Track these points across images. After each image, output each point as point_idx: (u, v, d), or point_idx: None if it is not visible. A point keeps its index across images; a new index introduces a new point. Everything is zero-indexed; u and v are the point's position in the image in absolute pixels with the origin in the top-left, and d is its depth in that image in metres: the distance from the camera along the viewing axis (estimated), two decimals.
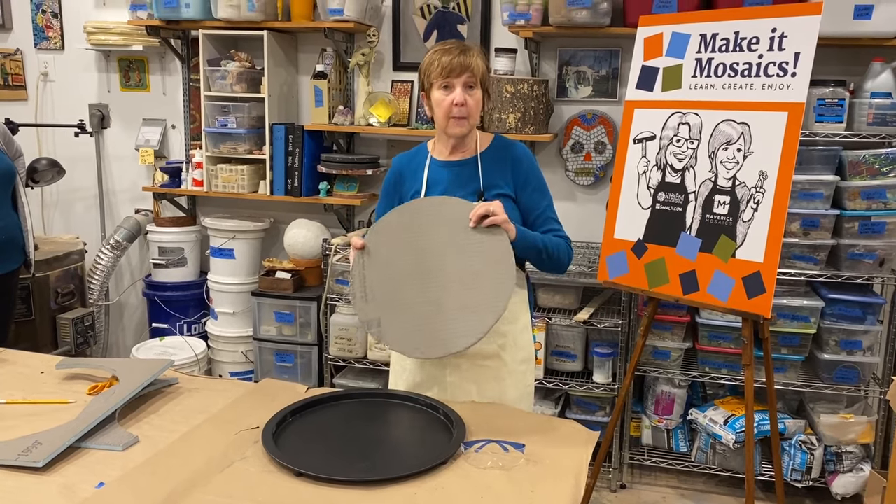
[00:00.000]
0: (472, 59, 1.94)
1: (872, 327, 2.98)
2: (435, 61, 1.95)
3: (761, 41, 2.47)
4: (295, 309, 3.65)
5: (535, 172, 2.08)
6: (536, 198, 2.05)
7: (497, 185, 2.03)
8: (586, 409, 3.39)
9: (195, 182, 3.81)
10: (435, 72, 1.95)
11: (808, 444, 3.07)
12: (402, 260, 1.92)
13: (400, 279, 1.91)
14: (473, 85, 1.96)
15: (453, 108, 1.95)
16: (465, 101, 1.94)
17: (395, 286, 1.91)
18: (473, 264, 1.84)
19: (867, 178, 2.88)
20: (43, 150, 4.26)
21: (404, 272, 1.91)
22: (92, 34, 3.91)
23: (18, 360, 2.28)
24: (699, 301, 2.57)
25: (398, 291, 1.90)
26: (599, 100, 3.50)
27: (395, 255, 1.94)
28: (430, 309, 1.85)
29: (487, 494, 1.53)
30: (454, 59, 1.92)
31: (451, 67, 1.92)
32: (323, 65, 3.62)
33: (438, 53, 1.95)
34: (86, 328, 3.82)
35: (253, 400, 1.98)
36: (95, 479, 1.57)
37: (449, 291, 1.85)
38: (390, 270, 1.93)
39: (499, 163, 2.04)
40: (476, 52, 1.97)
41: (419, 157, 2.12)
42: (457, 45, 1.96)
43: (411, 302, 1.88)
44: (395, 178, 2.14)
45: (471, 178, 2.04)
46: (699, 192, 2.58)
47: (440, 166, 2.07)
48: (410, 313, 1.87)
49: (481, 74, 1.97)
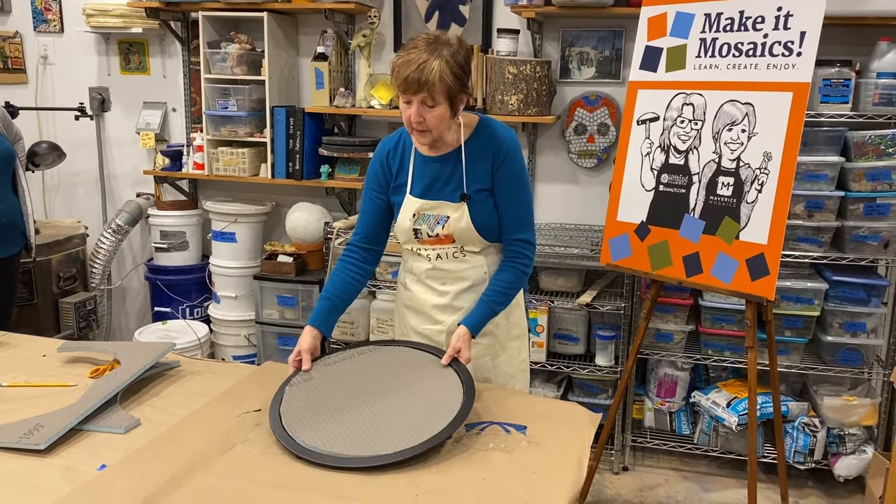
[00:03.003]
0: (430, 75, 1.77)
1: (876, 309, 2.97)
2: (396, 69, 1.82)
3: (766, 20, 2.44)
4: (297, 292, 3.65)
5: (513, 165, 1.97)
6: (510, 195, 1.97)
7: (478, 180, 1.96)
8: (589, 392, 3.39)
9: (196, 165, 3.80)
10: (395, 81, 1.84)
11: (810, 426, 3.07)
12: (345, 383, 1.85)
13: (339, 398, 1.79)
14: (432, 104, 1.82)
15: (411, 123, 1.87)
16: (423, 119, 1.84)
17: (332, 403, 1.77)
18: (422, 399, 1.75)
19: (872, 159, 2.86)
20: (43, 134, 4.24)
21: (345, 392, 1.81)
22: (91, 16, 3.88)
23: (20, 344, 2.29)
24: (702, 283, 2.56)
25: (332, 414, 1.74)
26: (603, 81, 3.47)
27: (342, 378, 1.87)
28: (365, 420, 1.69)
29: (489, 476, 1.53)
30: (411, 74, 1.78)
31: (407, 84, 1.80)
32: (324, 46, 3.59)
33: (401, 61, 1.81)
34: (88, 312, 3.83)
35: (254, 383, 1.98)
36: (97, 462, 1.57)
37: (388, 411, 1.72)
38: (327, 398, 1.80)
39: (482, 151, 1.96)
40: (442, 61, 1.79)
41: (403, 146, 2.05)
42: (417, 56, 1.79)
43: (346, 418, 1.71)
44: (380, 166, 2.07)
45: (453, 175, 1.97)
46: (703, 173, 2.56)
47: (425, 161, 2.01)
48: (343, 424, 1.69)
49: (445, 89, 1.80)
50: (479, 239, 1.99)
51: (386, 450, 1.58)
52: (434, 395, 1.76)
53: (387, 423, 1.67)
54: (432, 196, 1.99)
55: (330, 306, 2.02)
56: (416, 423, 1.66)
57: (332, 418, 1.70)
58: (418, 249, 2.05)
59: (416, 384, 1.81)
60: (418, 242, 2.03)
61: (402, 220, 2.02)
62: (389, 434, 1.63)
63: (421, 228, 2.00)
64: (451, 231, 1.98)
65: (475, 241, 1.99)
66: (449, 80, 1.80)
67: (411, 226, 2.01)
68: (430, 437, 1.60)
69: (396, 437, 1.62)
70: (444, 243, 2.01)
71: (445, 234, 1.99)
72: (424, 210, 1.99)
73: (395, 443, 1.60)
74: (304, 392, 1.83)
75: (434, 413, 1.68)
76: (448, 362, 1.86)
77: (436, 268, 2.04)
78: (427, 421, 1.66)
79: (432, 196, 1.99)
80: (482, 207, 1.96)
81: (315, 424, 1.68)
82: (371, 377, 1.86)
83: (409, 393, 1.78)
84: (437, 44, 1.82)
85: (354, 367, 1.92)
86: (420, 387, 1.80)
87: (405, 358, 1.94)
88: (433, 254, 2.03)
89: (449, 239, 2.00)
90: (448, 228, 1.98)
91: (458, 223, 1.96)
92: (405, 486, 1.50)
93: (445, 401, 1.73)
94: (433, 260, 2.04)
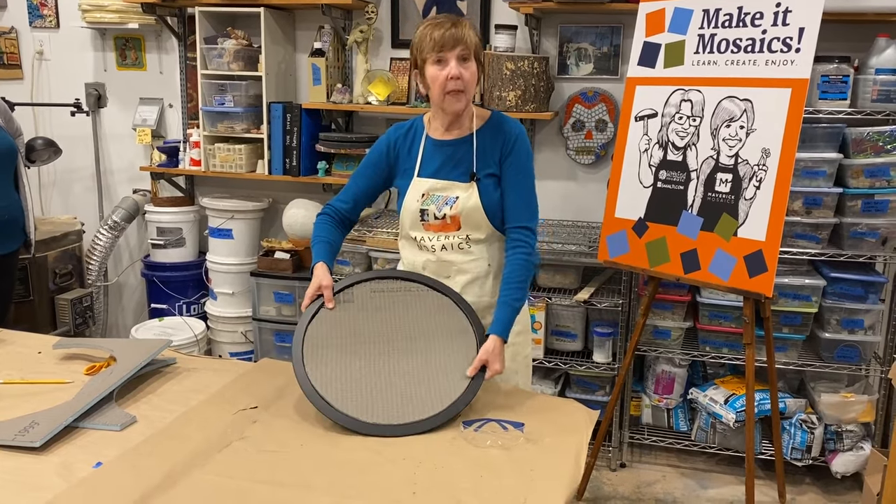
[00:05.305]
0: (463, 30, 1.90)
1: (874, 306, 2.96)
2: (426, 36, 1.91)
3: (765, 16, 2.44)
4: (294, 289, 3.64)
5: (520, 153, 2.02)
6: (515, 181, 2.00)
7: (488, 165, 2.01)
8: (586, 389, 3.39)
9: (193, 162, 3.79)
10: (427, 47, 1.91)
11: (808, 422, 3.07)
12: (364, 326, 1.92)
13: (355, 343, 1.89)
14: (468, 57, 1.92)
15: (448, 83, 1.91)
16: (461, 74, 1.91)
17: (349, 348, 1.88)
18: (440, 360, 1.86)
19: (871, 155, 2.85)
20: (39, 130, 4.23)
21: (362, 338, 1.90)
22: (87, 12, 3.86)
23: (16, 341, 2.28)
24: (700, 280, 2.56)
25: (350, 358, 1.86)
26: (601, 77, 3.46)
27: (359, 319, 1.93)
28: (381, 380, 1.81)
29: (487, 473, 1.53)
30: (446, 32, 1.88)
31: (444, 41, 1.89)
32: (321, 42, 3.58)
33: (429, 28, 1.92)
34: (84, 308, 3.81)
35: (251, 380, 1.98)
36: (93, 459, 1.57)
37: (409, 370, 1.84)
38: (348, 332, 1.91)
39: (493, 140, 2.02)
40: (467, 24, 1.93)
41: (415, 132, 2.09)
42: (447, 18, 1.92)
43: (361, 372, 1.83)
44: (386, 148, 2.11)
45: (464, 158, 2.02)
46: (701, 170, 2.55)
47: (435, 145, 2.05)
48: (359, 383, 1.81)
49: (475, 46, 1.93)
50: (485, 222, 2.00)
51: (391, 418, 1.72)
52: (448, 366, 1.84)
53: (400, 388, 1.79)
54: (443, 176, 2.02)
55: (329, 248, 2.05)
56: (428, 394, 1.77)
57: (347, 369, 1.82)
58: (422, 239, 2.05)
59: (435, 348, 1.87)
60: (423, 227, 2.04)
61: (408, 202, 2.04)
62: (401, 403, 1.75)
63: (428, 209, 2.02)
64: (458, 211, 1.99)
65: (481, 224, 2.01)
66: (475, 39, 1.94)
67: (418, 206, 2.02)
68: (433, 415, 1.72)
69: (406, 407, 1.74)
70: (450, 229, 2.02)
71: (453, 214, 2.00)
72: (434, 190, 2.02)
73: (400, 412, 1.73)
74: (327, 330, 1.90)
75: (445, 386, 1.79)
76: (473, 374, 1.84)
77: (440, 259, 2.04)
78: (440, 390, 1.78)
79: (443, 176, 2.02)
80: (491, 191, 2.00)
81: (331, 376, 1.80)
82: (395, 327, 1.92)
83: (425, 358, 1.85)
84: (449, 16, 1.95)
85: (381, 305, 1.96)
86: (438, 350, 1.87)
87: (433, 312, 1.95)
88: (437, 244, 2.03)
89: (455, 223, 2.01)
90: (456, 208, 1.99)
91: (467, 202, 1.99)
92: (402, 482, 1.49)
93: (457, 376, 1.82)
94: (437, 251, 2.04)
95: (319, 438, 1.67)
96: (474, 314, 1.94)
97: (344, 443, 1.65)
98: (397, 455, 1.59)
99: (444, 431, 1.70)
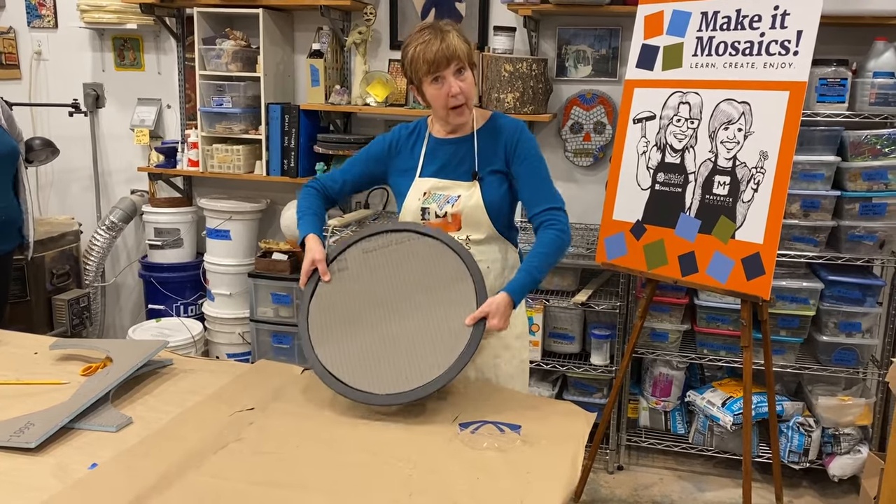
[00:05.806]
0: (452, 42, 1.89)
1: (872, 309, 2.96)
2: (419, 58, 1.90)
3: (763, 19, 2.44)
4: (292, 290, 3.64)
5: (528, 144, 2.02)
6: (529, 170, 2.00)
7: (491, 163, 2.02)
8: (584, 391, 3.39)
9: (191, 162, 3.78)
10: (422, 70, 1.91)
11: (805, 426, 3.07)
12: (363, 292, 1.93)
13: (357, 312, 1.90)
14: (463, 68, 1.92)
15: (450, 100, 1.93)
16: (461, 89, 1.92)
17: (352, 319, 1.90)
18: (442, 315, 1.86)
19: (869, 158, 2.85)
20: (37, 130, 4.22)
21: (363, 305, 1.91)
22: (85, 12, 3.86)
23: (12, 341, 2.27)
24: (698, 282, 2.56)
25: (354, 325, 1.89)
26: (599, 79, 3.46)
27: (357, 286, 1.94)
28: (387, 346, 1.85)
29: (483, 476, 1.53)
30: (437, 50, 1.87)
31: (437, 61, 1.88)
32: (319, 43, 3.58)
33: (420, 48, 1.90)
34: (81, 309, 3.81)
35: (248, 381, 1.97)
36: (88, 460, 1.56)
37: (411, 333, 1.85)
38: (348, 302, 1.93)
39: (494, 138, 2.03)
40: (454, 33, 1.91)
41: (419, 132, 2.11)
42: (433, 32, 1.90)
43: (365, 338, 1.87)
44: (388, 145, 2.12)
45: (466, 157, 2.03)
46: (699, 172, 2.55)
47: (438, 143, 2.06)
48: (364, 350, 1.85)
49: (466, 55, 1.92)
50: (486, 221, 2.00)
51: (402, 385, 1.75)
52: (449, 316, 1.84)
53: (406, 351, 1.82)
54: (445, 176, 2.03)
55: (317, 220, 2.07)
56: (433, 353, 1.80)
57: (353, 343, 1.85)
58: None
59: (434, 301, 1.88)
60: None
61: (409, 201, 2.06)
62: (409, 365, 1.79)
63: (429, 207, 2.02)
64: (460, 209, 2.00)
65: (482, 223, 2.01)
66: (465, 46, 1.93)
67: (420, 205, 2.03)
68: (425, 383, 1.76)
69: (415, 370, 1.78)
70: (451, 229, 2.02)
71: (454, 212, 2.00)
72: (436, 189, 2.03)
73: (409, 377, 1.77)
74: (328, 305, 1.93)
75: (449, 341, 1.81)
76: (472, 323, 1.83)
77: None
78: (444, 345, 1.80)
79: (445, 176, 2.03)
80: (493, 189, 2.01)
81: (339, 353, 1.84)
82: (392, 287, 1.92)
83: (426, 313, 1.87)
84: (434, 27, 1.92)
85: (375, 265, 1.97)
86: (437, 303, 1.87)
87: (427, 261, 1.94)
88: None
89: (456, 222, 2.02)
90: (458, 207, 2.00)
91: (469, 201, 1.99)
92: (399, 484, 1.49)
93: (459, 325, 1.83)
94: None
95: (316, 440, 1.66)
96: (468, 254, 1.93)
97: (340, 444, 1.65)
98: (394, 457, 1.59)
99: (441, 433, 1.69)
